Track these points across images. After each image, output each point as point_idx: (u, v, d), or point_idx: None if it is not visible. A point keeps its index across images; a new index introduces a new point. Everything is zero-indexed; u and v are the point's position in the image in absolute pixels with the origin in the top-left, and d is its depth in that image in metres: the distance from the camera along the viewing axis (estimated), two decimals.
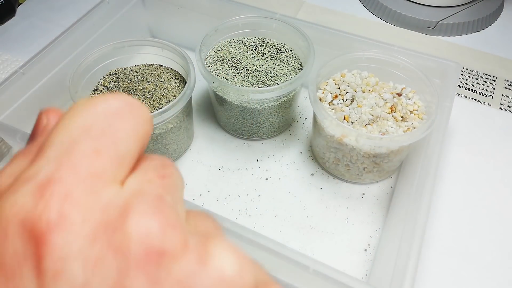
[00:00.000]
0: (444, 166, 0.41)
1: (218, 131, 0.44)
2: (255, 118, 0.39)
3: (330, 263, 0.26)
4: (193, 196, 0.38)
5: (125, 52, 0.40)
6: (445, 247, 0.35)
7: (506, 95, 0.47)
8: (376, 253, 0.34)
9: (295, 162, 0.41)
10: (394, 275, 0.27)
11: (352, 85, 0.37)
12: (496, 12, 0.58)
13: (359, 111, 0.35)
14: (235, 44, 0.42)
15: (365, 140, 0.32)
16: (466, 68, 0.50)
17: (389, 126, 0.34)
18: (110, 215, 0.12)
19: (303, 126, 0.44)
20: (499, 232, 0.36)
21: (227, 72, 0.39)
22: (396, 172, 0.40)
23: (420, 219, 0.28)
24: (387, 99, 0.36)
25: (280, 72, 0.39)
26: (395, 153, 0.35)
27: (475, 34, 0.55)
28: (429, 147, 0.32)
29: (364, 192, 0.38)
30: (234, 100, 0.37)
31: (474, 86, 0.48)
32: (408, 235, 0.28)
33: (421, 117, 0.35)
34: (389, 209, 0.37)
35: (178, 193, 0.14)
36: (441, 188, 0.39)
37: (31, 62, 0.38)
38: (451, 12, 0.55)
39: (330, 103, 0.36)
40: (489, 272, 0.34)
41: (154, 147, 0.37)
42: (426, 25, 0.54)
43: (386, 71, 0.38)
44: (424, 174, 0.31)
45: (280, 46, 0.41)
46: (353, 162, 0.36)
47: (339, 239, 0.35)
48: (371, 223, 0.36)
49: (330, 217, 0.37)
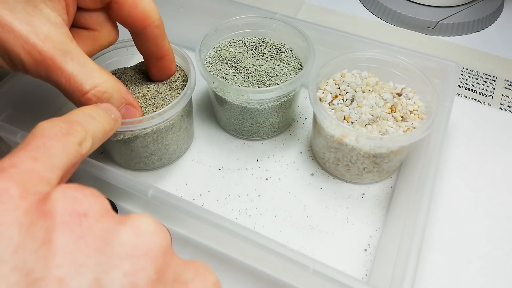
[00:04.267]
0: (444, 166, 0.41)
1: (218, 131, 0.44)
2: (255, 118, 0.39)
3: (330, 263, 0.26)
4: (193, 196, 0.38)
5: (125, 53, 0.40)
6: (445, 247, 0.35)
7: (506, 95, 0.47)
8: (376, 253, 0.34)
9: (295, 162, 0.41)
10: (394, 275, 0.27)
11: (352, 85, 0.37)
12: (496, 12, 0.58)
13: (359, 111, 0.35)
14: (235, 44, 0.42)
15: (365, 140, 0.32)
16: (466, 68, 0.50)
17: (389, 126, 0.34)
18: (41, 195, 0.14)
19: (303, 126, 0.44)
20: (499, 232, 0.36)
21: (227, 72, 0.39)
22: (396, 172, 0.40)
23: (420, 219, 0.28)
24: (387, 99, 0.36)
25: (280, 72, 0.39)
26: (395, 153, 0.35)
27: (475, 34, 0.55)
28: (429, 147, 0.32)
29: (364, 192, 0.38)
30: (234, 100, 0.37)
31: (474, 86, 0.48)
32: (408, 235, 0.28)
33: (421, 117, 0.35)
34: (389, 209, 0.37)
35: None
36: (441, 188, 0.39)
37: None
38: (451, 12, 0.55)
39: (330, 103, 0.36)
40: (489, 272, 0.34)
41: (154, 147, 0.37)
42: (426, 25, 0.54)
43: (386, 71, 0.38)
44: (424, 174, 0.31)
45: (280, 46, 0.41)
46: (353, 162, 0.36)
47: (339, 239, 0.35)
48: (371, 223, 0.36)
49: (330, 217, 0.37)
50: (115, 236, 0.13)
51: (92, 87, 0.25)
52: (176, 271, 0.14)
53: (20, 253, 0.12)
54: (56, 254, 0.12)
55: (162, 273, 0.13)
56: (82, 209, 0.14)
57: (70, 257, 0.12)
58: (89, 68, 0.25)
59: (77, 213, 0.13)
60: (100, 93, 0.25)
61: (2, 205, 0.13)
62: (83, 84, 0.24)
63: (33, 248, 0.12)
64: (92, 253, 0.13)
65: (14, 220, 0.13)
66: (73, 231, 0.13)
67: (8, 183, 0.14)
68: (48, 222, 0.13)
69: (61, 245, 0.13)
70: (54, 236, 0.13)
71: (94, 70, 0.25)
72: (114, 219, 0.14)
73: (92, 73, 0.25)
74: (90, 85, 0.25)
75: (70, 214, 0.13)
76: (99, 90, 0.25)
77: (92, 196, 0.14)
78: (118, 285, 0.12)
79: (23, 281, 0.12)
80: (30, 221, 0.13)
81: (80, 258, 0.13)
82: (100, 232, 0.13)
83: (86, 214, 0.14)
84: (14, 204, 0.13)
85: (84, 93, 0.24)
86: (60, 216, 0.13)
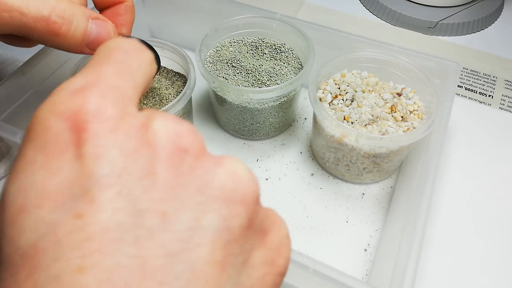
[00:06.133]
0: (444, 166, 0.41)
1: (218, 131, 0.44)
2: (255, 118, 0.39)
3: (330, 263, 0.26)
4: None
5: None
6: (445, 247, 0.35)
7: (506, 95, 0.47)
8: (376, 253, 0.34)
9: (295, 162, 0.41)
10: (394, 275, 0.27)
11: (352, 85, 0.37)
12: (496, 12, 0.58)
13: (359, 111, 0.35)
14: (235, 44, 0.42)
15: (365, 140, 0.32)
16: (466, 68, 0.50)
17: (389, 126, 0.34)
18: (139, 120, 0.13)
19: (303, 126, 0.44)
20: (499, 232, 0.36)
21: (227, 72, 0.39)
22: (396, 172, 0.40)
23: (420, 219, 0.28)
24: (387, 99, 0.36)
25: (280, 72, 0.39)
26: (395, 153, 0.35)
27: (475, 34, 0.55)
28: (429, 147, 0.32)
29: (364, 192, 0.38)
30: (234, 100, 0.37)
31: (474, 86, 0.48)
32: (408, 235, 0.28)
33: (421, 117, 0.35)
34: (389, 209, 0.37)
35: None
36: (441, 188, 0.39)
37: (31, 62, 0.38)
38: (451, 12, 0.55)
39: (330, 103, 0.36)
40: (490, 272, 0.34)
41: None
42: (426, 25, 0.54)
43: (386, 71, 0.38)
44: (424, 174, 0.31)
45: (280, 46, 0.41)
46: (353, 162, 0.36)
47: (339, 239, 0.35)
48: (371, 223, 0.36)
49: (330, 217, 0.37)
50: (214, 177, 0.13)
51: (50, 10, 0.24)
52: (261, 219, 0.14)
53: (124, 178, 0.12)
54: (160, 187, 0.12)
55: (252, 220, 0.14)
56: (184, 145, 0.13)
57: (173, 192, 0.12)
58: None
59: (179, 148, 0.13)
60: (62, 11, 0.24)
61: (100, 125, 0.12)
62: (42, 11, 0.24)
63: (137, 176, 0.12)
64: (192, 192, 0.13)
65: (116, 143, 0.12)
66: (175, 167, 0.13)
67: (104, 102, 0.13)
68: (151, 153, 0.13)
69: (165, 179, 0.12)
70: (157, 168, 0.12)
71: None
72: (211, 159, 0.14)
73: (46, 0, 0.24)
74: (47, 9, 0.24)
75: (173, 148, 0.13)
76: (59, 9, 0.24)
77: (192, 132, 0.14)
78: (215, 227, 0.12)
79: (129, 209, 0.12)
80: (132, 147, 0.12)
81: (182, 195, 0.12)
82: (199, 170, 0.13)
83: (187, 151, 0.13)
84: (114, 125, 0.13)
85: (47, 19, 0.24)
86: (164, 149, 0.13)
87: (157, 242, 0.11)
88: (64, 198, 0.12)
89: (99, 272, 0.10)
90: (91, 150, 0.12)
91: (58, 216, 0.11)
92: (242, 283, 0.13)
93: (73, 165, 0.12)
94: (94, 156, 0.12)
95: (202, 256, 0.12)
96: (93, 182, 0.12)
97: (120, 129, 0.13)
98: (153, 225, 0.12)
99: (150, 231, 0.11)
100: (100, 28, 0.26)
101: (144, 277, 0.11)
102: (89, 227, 0.11)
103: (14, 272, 0.11)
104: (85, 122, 0.12)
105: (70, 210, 0.11)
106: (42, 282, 0.11)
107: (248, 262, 0.14)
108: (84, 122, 0.12)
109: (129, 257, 0.11)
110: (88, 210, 0.11)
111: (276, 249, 0.15)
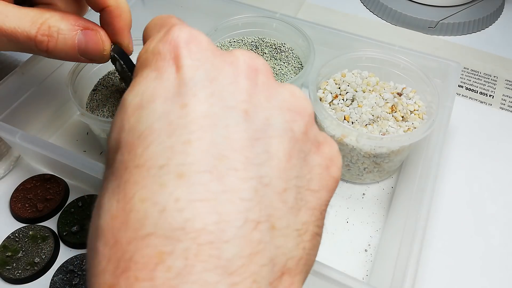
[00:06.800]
0: (444, 166, 0.40)
1: None
2: None
3: (330, 263, 0.26)
4: None
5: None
6: (446, 247, 0.35)
7: (507, 95, 0.47)
8: (376, 254, 0.34)
9: None
10: (394, 276, 0.27)
11: (352, 85, 0.37)
12: (497, 11, 0.57)
13: (359, 111, 0.35)
14: (235, 43, 0.42)
15: (365, 140, 0.32)
16: (466, 68, 0.50)
17: (389, 126, 0.34)
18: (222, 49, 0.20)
19: None
20: (500, 232, 0.36)
21: None
22: (397, 172, 0.40)
23: (421, 219, 0.28)
24: (388, 99, 0.36)
25: (280, 71, 0.39)
26: (396, 153, 0.35)
27: (475, 33, 0.55)
28: (430, 147, 0.32)
29: (364, 192, 0.38)
30: None
31: (474, 86, 0.48)
32: (408, 235, 0.27)
33: (422, 117, 0.35)
34: (389, 209, 0.37)
35: None
36: (441, 188, 0.39)
37: (31, 62, 0.38)
38: (451, 12, 0.55)
39: (330, 103, 0.36)
40: (490, 272, 0.34)
41: None
42: (427, 24, 0.54)
43: (386, 71, 0.38)
44: (424, 174, 0.31)
45: (280, 45, 0.41)
46: (353, 162, 0.36)
47: (339, 239, 0.35)
48: (371, 224, 0.36)
49: (330, 217, 0.37)
50: (278, 92, 0.17)
51: (36, 30, 0.25)
52: (314, 133, 0.18)
53: (215, 83, 0.16)
54: (241, 92, 0.16)
55: (307, 129, 0.17)
56: (257, 66, 0.17)
57: (251, 97, 0.16)
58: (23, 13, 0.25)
59: (254, 68, 0.17)
60: (46, 29, 0.25)
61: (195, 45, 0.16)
62: (29, 32, 0.25)
63: (224, 83, 0.16)
64: (263, 100, 0.16)
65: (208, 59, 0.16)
66: (251, 79, 0.17)
67: (194, 30, 0.17)
68: (234, 68, 0.17)
69: (244, 87, 0.16)
70: (239, 78, 0.16)
71: (28, 13, 0.25)
72: (277, 82, 0.18)
73: (26, 17, 0.25)
74: (34, 30, 0.25)
75: (250, 67, 0.17)
76: (44, 28, 0.25)
77: (264, 62, 0.18)
78: (281, 126, 0.16)
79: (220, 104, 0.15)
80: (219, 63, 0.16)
81: (257, 100, 0.16)
82: (267, 86, 0.17)
83: (260, 71, 0.17)
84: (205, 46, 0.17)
85: (34, 38, 0.25)
86: (243, 66, 0.17)
87: (241, 128, 0.15)
88: (171, 95, 0.15)
89: (201, 144, 0.14)
90: (190, 63, 0.16)
91: (168, 106, 0.15)
92: (303, 174, 0.17)
93: (177, 74, 0.16)
94: (193, 66, 0.16)
95: (274, 144, 0.16)
96: (194, 83, 0.15)
97: (209, 50, 0.17)
98: (238, 116, 0.15)
99: (236, 121, 0.15)
100: (89, 37, 0.27)
101: (234, 151, 0.14)
102: (192, 114, 0.15)
103: (131, 149, 0.14)
104: (185, 43, 0.16)
105: (177, 102, 0.15)
106: (158, 151, 0.14)
107: (307, 160, 0.17)
108: (184, 43, 0.16)
109: (222, 136, 0.14)
110: (191, 102, 0.15)
111: (329, 158, 0.18)
